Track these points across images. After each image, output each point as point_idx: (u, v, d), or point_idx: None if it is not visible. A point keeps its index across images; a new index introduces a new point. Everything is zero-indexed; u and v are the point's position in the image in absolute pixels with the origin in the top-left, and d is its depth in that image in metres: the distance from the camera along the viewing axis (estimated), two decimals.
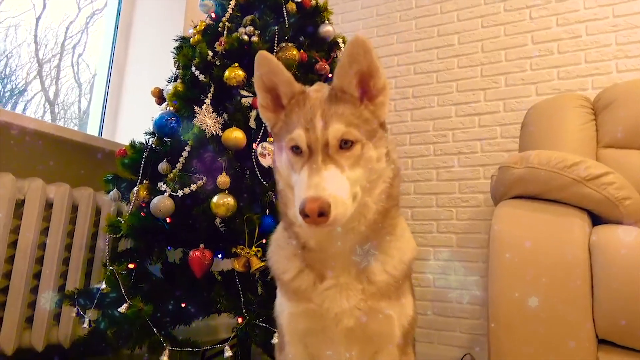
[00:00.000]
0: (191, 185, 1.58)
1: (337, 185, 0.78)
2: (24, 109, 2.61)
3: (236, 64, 1.71)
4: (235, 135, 1.61)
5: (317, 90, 0.91)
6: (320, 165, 0.80)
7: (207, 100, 1.69)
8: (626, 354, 1.15)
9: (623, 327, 1.11)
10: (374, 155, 0.85)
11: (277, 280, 1.00)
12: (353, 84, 0.88)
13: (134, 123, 2.51)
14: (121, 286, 1.52)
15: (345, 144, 0.82)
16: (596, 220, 1.30)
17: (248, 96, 1.84)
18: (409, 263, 0.96)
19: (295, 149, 0.84)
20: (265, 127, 1.73)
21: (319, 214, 0.73)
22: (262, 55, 0.92)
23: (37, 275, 1.87)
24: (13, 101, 2.61)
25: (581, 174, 1.23)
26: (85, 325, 1.62)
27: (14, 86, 2.61)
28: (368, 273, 0.91)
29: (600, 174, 1.24)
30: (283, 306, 0.99)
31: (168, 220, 1.60)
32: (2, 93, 2.54)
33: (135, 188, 1.69)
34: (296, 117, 0.86)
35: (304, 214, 0.74)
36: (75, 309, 1.67)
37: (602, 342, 1.18)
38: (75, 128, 2.80)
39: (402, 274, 0.93)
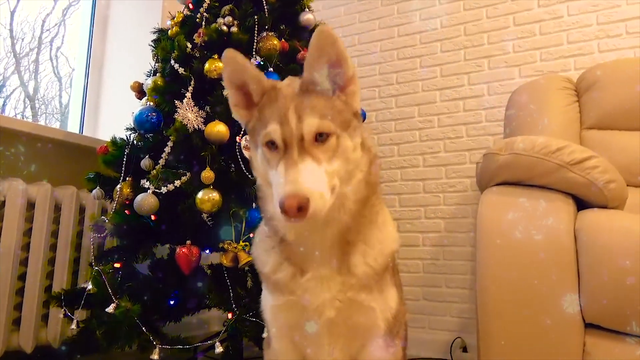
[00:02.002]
0: (175, 181, 1.56)
1: (315, 178, 0.79)
2: (3, 105, 2.55)
3: (216, 56, 1.68)
4: (218, 129, 1.59)
5: (289, 85, 0.90)
6: (296, 160, 0.79)
7: (188, 94, 1.66)
8: (612, 336, 1.16)
9: (609, 310, 1.13)
10: (350, 146, 0.85)
11: (259, 274, 1.01)
12: (324, 76, 0.88)
13: (116, 118, 2.47)
14: (108, 286, 1.50)
15: (321, 137, 0.82)
16: (581, 204, 1.30)
17: None
18: (390, 255, 0.95)
19: (271, 144, 0.84)
20: None
21: (297, 209, 0.74)
22: (227, 55, 0.92)
23: (23, 277, 1.84)
24: None
25: (565, 158, 1.24)
26: (74, 326, 1.61)
27: None
28: (348, 265, 0.91)
29: (584, 158, 1.24)
30: (267, 299, 0.99)
31: (153, 217, 1.58)
32: None
33: (119, 186, 1.66)
34: (269, 112, 0.86)
35: (284, 210, 0.74)
36: (63, 309, 1.65)
37: (589, 325, 1.19)
38: (57, 123, 2.74)
39: (382, 266, 0.93)
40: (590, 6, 2.33)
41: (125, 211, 1.62)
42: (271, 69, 1.70)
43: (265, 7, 1.82)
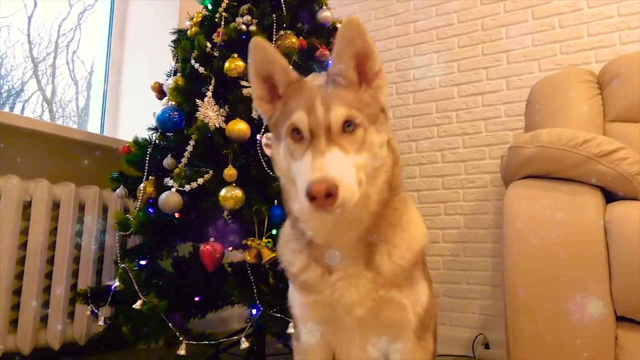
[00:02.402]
0: (198, 179, 1.58)
1: (343, 167, 0.75)
2: (22, 109, 2.60)
3: (235, 55, 1.70)
4: (239, 127, 1.60)
5: (314, 79, 0.89)
6: (323, 149, 0.76)
7: (209, 93, 1.67)
8: None
9: None
10: (377, 141, 0.83)
11: (286, 272, 0.99)
12: (350, 67, 0.86)
13: (135, 119, 2.49)
14: (134, 283, 1.52)
15: (349, 127, 0.79)
16: (610, 197, 1.29)
17: (249, 86, 1.81)
18: (418, 252, 0.94)
19: (296, 134, 0.81)
20: None
21: (326, 195, 0.70)
22: (257, 42, 0.88)
23: (49, 275, 1.88)
24: (11, 102, 2.60)
25: (593, 150, 1.22)
26: (101, 323, 1.63)
27: (10, 87, 2.60)
28: (375, 264, 0.90)
29: (612, 149, 1.22)
30: (295, 296, 0.99)
31: (177, 215, 1.60)
32: None
33: (142, 185, 1.68)
34: (295, 102, 0.83)
35: (311, 197, 0.70)
36: (89, 307, 1.68)
37: (620, 319, 1.18)
38: (75, 126, 2.79)
39: (410, 263, 0.92)
40: None
41: (149, 209, 1.65)
42: (290, 67, 1.70)
43: (283, 5, 1.82)
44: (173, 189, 1.56)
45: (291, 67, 1.67)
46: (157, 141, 1.77)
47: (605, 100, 1.96)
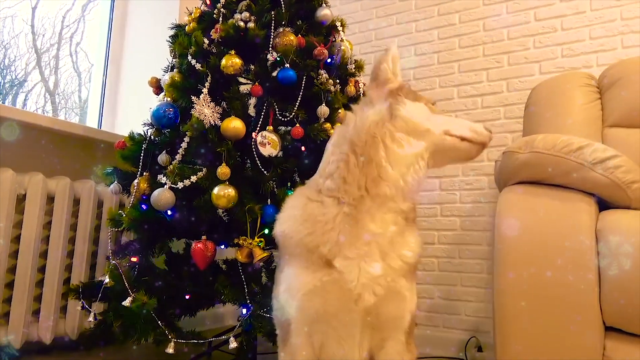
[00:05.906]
0: (191, 176, 1.57)
1: None
2: (25, 100, 2.59)
3: (232, 52, 1.68)
4: (234, 125, 1.58)
5: None
6: None
7: (205, 90, 1.66)
8: (633, 340, 1.14)
9: (630, 314, 1.10)
10: None
11: (297, 251, 0.93)
12: None
13: (133, 114, 2.49)
14: (124, 280, 1.51)
15: None
16: (603, 205, 1.27)
17: (246, 83, 1.81)
18: (420, 253, 0.98)
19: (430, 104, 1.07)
20: (264, 115, 1.70)
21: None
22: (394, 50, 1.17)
23: (42, 269, 1.88)
24: (14, 92, 2.60)
25: (587, 157, 1.20)
26: (91, 319, 1.63)
27: (13, 77, 2.59)
28: (402, 243, 0.93)
29: (606, 157, 1.21)
30: (295, 285, 0.93)
31: (169, 212, 1.59)
32: (2, 84, 2.52)
33: (136, 181, 1.68)
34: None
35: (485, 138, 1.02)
36: (81, 302, 1.68)
37: (609, 329, 1.17)
38: (77, 117, 2.78)
39: (416, 262, 0.96)
40: (615, 0, 2.27)
41: (142, 206, 1.64)
42: (287, 65, 1.69)
43: (282, 2, 1.81)
44: (166, 186, 1.55)
45: (288, 65, 1.68)
46: (152, 137, 1.76)
47: (605, 105, 1.94)
